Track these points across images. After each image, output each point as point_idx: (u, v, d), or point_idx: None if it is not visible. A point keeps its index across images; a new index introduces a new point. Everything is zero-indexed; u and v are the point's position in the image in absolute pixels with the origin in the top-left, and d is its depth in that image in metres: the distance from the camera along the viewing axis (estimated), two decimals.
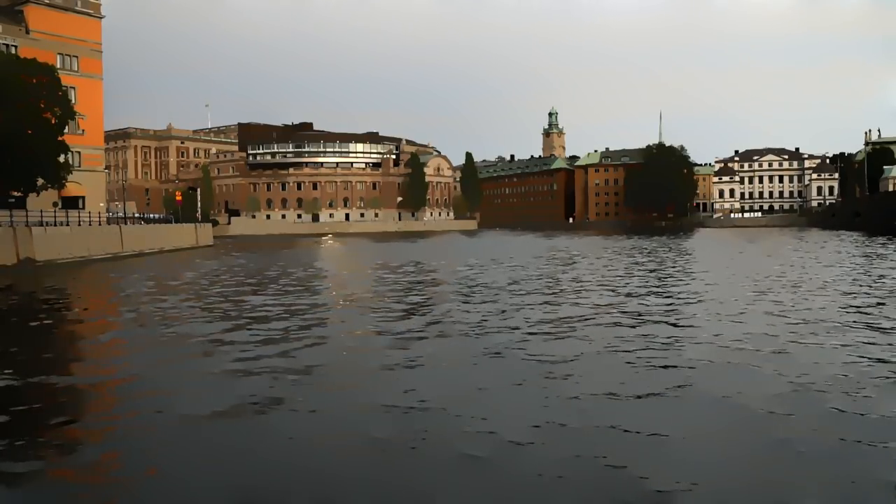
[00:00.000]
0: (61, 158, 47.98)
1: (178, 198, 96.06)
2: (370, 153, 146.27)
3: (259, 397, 9.50)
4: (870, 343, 12.50)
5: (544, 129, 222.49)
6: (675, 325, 15.23)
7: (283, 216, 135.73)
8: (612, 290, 22.32)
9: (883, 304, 17.71)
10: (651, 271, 30.21)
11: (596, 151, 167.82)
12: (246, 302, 20.90)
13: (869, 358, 11.24)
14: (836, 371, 10.42)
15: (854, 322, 14.86)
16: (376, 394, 9.56)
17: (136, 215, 72.56)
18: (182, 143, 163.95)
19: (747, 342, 12.83)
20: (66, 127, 49.01)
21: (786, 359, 11.40)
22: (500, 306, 18.49)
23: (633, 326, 15.04)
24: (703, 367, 10.98)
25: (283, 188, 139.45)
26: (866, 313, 16.11)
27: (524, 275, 28.96)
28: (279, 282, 27.91)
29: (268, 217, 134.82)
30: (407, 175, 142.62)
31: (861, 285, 22.35)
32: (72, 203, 55.48)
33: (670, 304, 18.58)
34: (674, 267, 32.78)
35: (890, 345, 12.33)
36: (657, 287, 23.30)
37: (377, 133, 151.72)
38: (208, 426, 8.42)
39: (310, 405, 9.16)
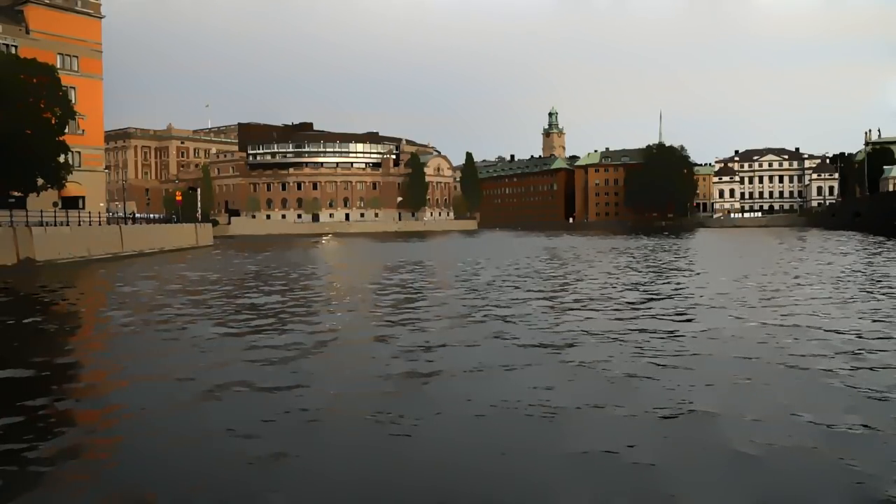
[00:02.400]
0: (61, 158, 47.99)
1: (178, 198, 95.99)
2: (370, 153, 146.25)
3: (254, 391, 9.56)
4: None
5: (544, 129, 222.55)
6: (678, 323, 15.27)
7: (283, 216, 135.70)
8: (622, 288, 22.36)
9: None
10: (656, 271, 30.27)
11: (596, 151, 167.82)
12: (243, 301, 20.92)
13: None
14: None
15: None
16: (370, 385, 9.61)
17: (136, 215, 72.58)
18: (182, 143, 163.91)
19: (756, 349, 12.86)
20: (66, 127, 49.01)
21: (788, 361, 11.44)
22: (500, 306, 18.51)
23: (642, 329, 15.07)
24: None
25: (283, 188, 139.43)
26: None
27: (526, 275, 28.98)
28: (277, 281, 27.94)
29: (268, 217, 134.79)
30: (407, 175, 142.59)
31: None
32: (72, 203, 55.47)
33: (674, 301, 18.65)
34: (677, 265, 32.84)
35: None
36: (660, 287, 23.34)
37: (377, 133, 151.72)
38: (202, 422, 8.45)
39: (309, 398, 9.22)
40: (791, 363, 11.03)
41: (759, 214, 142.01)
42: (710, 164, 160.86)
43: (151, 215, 79.42)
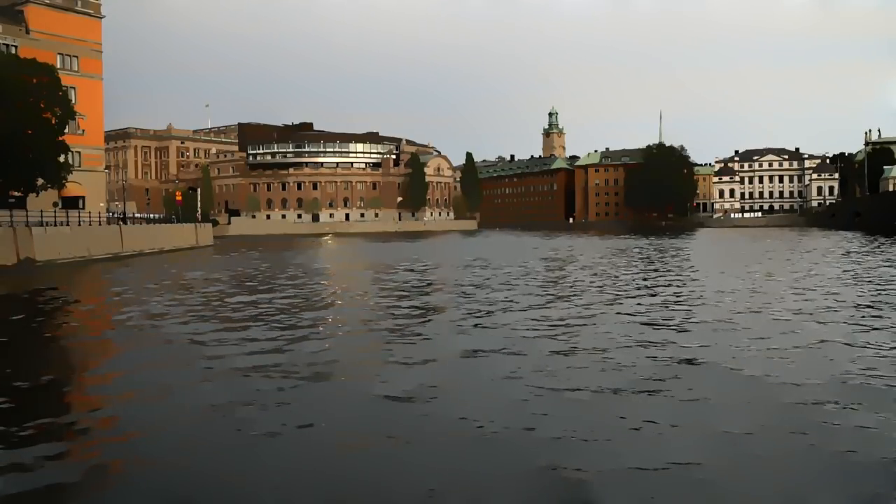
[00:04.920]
0: (61, 158, 47.94)
1: (179, 198, 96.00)
2: (370, 153, 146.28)
3: (254, 392, 9.56)
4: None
5: (544, 129, 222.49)
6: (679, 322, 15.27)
7: (283, 216, 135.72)
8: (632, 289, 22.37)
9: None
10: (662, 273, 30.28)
11: (596, 151, 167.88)
12: (242, 300, 20.92)
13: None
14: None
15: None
16: (369, 387, 9.62)
17: (136, 215, 72.58)
18: (182, 143, 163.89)
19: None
20: (66, 127, 48.94)
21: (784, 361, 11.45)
22: (500, 308, 18.52)
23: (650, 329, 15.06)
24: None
25: (283, 188, 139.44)
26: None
27: (525, 275, 28.98)
28: (276, 281, 27.94)
29: (268, 217, 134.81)
30: (407, 175, 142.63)
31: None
32: (72, 203, 55.45)
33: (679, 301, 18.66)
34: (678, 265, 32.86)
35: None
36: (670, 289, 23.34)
37: (377, 133, 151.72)
38: (201, 424, 8.46)
39: (307, 399, 9.22)
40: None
41: (759, 214, 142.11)
42: (710, 164, 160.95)
43: (151, 215, 79.42)
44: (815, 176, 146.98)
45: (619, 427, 8.05)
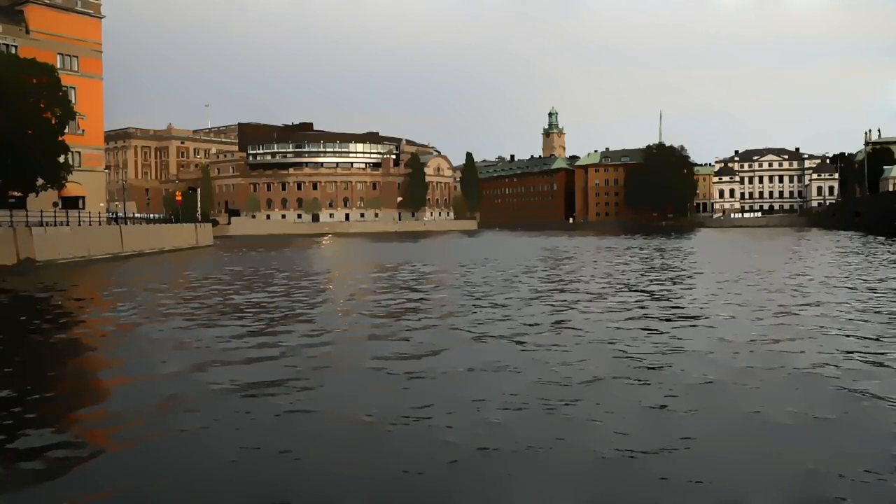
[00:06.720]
0: (61, 158, 47.93)
1: (179, 198, 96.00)
2: (370, 153, 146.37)
3: (252, 390, 9.58)
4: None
5: (544, 129, 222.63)
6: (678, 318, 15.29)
7: (283, 216, 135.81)
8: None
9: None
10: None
11: (596, 151, 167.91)
12: (240, 300, 20.93)
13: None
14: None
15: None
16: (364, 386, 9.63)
17: (136, 215, 72.60)
18: (182, 143, 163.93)
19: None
20: (66, 127, 48.94)
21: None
22: (495, 305, 18.53)
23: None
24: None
25: (283, 188, 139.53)
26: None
27: (524, 275, 29.00)
28: (275, 281, 27.95)
29: (268, 217, 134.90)
30: (407, 175, 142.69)
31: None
32: (72, 203, 55.46)
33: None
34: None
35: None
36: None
37: (377, 133, 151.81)
38: (200, 421, 8.47)
39: (302, 396, 9.23)
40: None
41: (759, 214, 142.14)
42: (710, 164, 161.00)
43: (151, 215, 79.44)
44: (815, 176, 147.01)
45: (604, 423, 8.07)
